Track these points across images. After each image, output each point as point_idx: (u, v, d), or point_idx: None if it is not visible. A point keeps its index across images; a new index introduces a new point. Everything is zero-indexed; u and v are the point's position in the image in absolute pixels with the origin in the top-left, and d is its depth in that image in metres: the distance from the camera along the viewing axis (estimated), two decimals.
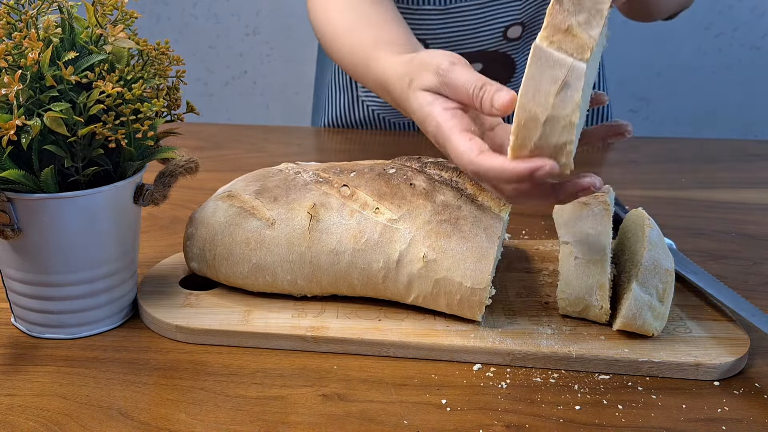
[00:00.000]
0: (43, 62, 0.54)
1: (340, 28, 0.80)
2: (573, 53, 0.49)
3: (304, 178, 0.68)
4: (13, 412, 0.53)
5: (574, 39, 0.49)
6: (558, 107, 0.49)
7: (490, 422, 0.53)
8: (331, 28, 0.82)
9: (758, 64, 2.04)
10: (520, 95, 0.50)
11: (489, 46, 1.08)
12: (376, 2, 0.79)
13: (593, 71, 0.53)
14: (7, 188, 0.56)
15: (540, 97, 0.49)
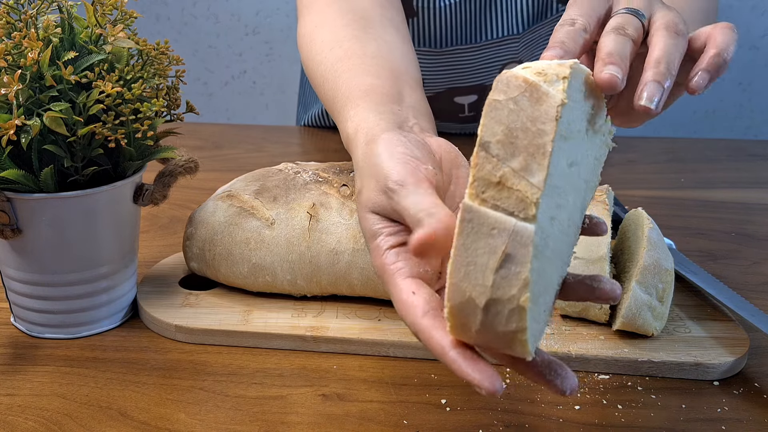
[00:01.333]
0: (42, 62, 0.54)
1: (318, 74, 0.69)
2: (514, 211, 0.36)
3: (304, 177, 0.68)
4: (13, 411, 0.53)
5: (512, 192, 0.37)
6: (501, 287, 0.36)
7: (489, 422, 0.53)
8: (312, 69, 0.72)
9: (758, 64, 2.04)
10: (450, 272, 0.38)
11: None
12: (367, 30, 0.69)
13: (572, 211, 0.42)
14: (7, 188, 0.56)
15: (475, 274, 0.37)
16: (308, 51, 0.74)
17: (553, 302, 0.43)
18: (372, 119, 0.54)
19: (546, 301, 0.41)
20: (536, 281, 0.37)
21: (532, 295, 0.37)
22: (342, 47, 0.67)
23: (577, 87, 0.40)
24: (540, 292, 0.39)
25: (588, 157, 0.43)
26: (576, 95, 0.40)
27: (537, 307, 0.38)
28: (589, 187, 0.44)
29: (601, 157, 0.45)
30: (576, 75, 0.40)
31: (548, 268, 0.39)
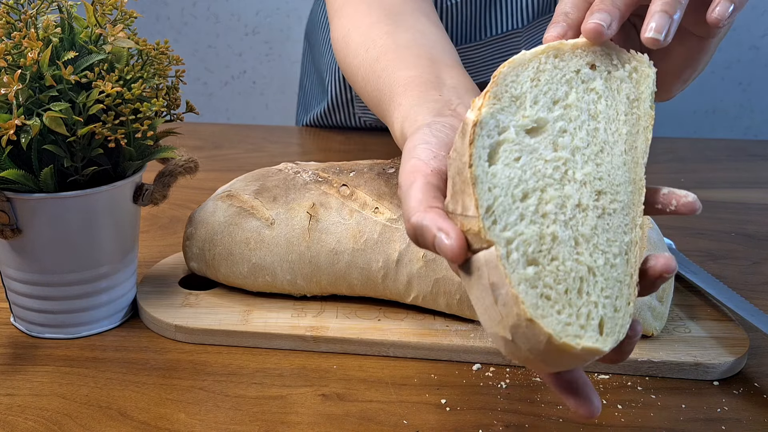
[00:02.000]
0: (42, 62, 0.54)
1: (358, 77, 0.72)
2: (479, 247, 0.39)
3: (304, 177, 0.68)
4: (13, 411, 0.53)
5: (470, 233, 0.39)
6: (507, 314, 0.38)
7: (489, 422, 0.53)
8: (352, 73, 0.75)
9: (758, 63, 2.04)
10: (480, 318, 0.41)
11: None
12: (397, 23, 0.70)
13: (600, 176, 0.42)
14: (7, 188, 0.56)
15: (491, 315, 0.39)
16: (345, 55, 0.74)
17: (629, 280, 0.41)
18: (411, 116, 0.55)
19: (596, 289, 0.39)
20: (546, 283, 0.38)
21: (543, 298, 0.38)
22: (376, 46, 0.67)
23: (531, 67, 0.43)
24: (571, 286, 0.39)
25: (608, 105, 0.44)
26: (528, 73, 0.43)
27: (580, 300, 0.39)
28: (631, 132, 0.44)
29: (636, 93, 0.44)
30: (520, 62, 0.43)
31: (564, 259, 0.39)
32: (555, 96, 0.44)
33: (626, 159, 0.43)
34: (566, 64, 0.45)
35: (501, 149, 0.41)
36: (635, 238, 0.41)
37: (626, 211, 0.42)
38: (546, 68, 0.44)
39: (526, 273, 0.38)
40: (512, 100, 0.43)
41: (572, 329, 0.38)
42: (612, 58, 0.45)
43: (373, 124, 1.20)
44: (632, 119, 0.44)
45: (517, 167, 0.41)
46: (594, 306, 0.39)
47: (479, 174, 0.39)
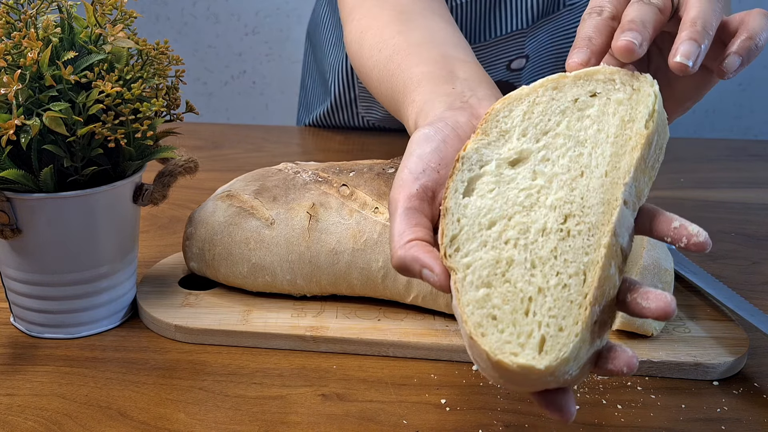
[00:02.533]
0: (42, 62, 0.54)
1: (373, 77, 0.71)
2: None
3: (304, 177, 0.68)
4: (12, 411, 0.53)
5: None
6: (463, 337, 0.42)
7: (489, 422, 0.53)
8: (366, 74, 0.74)
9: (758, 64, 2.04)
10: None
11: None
12: (409, 22, 0.70)
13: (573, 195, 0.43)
14: (7, 188, 0.56)
15: (462, 336, 0.43)
16: (359, 57, 0.75)
17: (581, 300, 0.40)
18: (425, 110, 0.55)
19: (543, 309, 0.40)
20: (494, 304, 0.41)
21: (489, 318, 0.40)
22: (389, 46, 0.68)
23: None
24: (518, 306, 0.40)
25: (599, 129, 0.44)
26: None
27: (525, 319, 0.40)
28: (617, 153, 0.43)
29: (631, 115, 0.44)
30: (516, 97, 0.47)
31: (516, 281, 0.41)
32: (545, 127, 0.45)
33: (605, 181, 0.42)
34: (564, 95, 0.46)
35: (479, 182, 0.45)
36: (597, 257, 0.40)
37: (592, 232, 0.41)
38: (542, 101, 0.46)
39: (476, 295, 0.41)
40: (500, 135, 0.46)
41: (510, 347, 0.39)
42: (615, 82, 0.45)
43: (377, 124, 1.20)
44: (621, 140, 0.43)
45: (489, 198, 0.44)
46: (537, 325, 0.39)
47: (451, 206, 0.44)
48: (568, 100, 0.45)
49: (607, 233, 0.41)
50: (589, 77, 0.45)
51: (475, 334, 0.39)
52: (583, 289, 0.40)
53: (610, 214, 0.41)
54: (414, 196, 0.46)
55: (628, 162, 0.42)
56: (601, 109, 0.45)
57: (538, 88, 0.46)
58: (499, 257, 0.42)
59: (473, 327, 0.40)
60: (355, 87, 1.15)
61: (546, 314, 0.40)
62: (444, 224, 0.43)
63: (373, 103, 1.16)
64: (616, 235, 0.41)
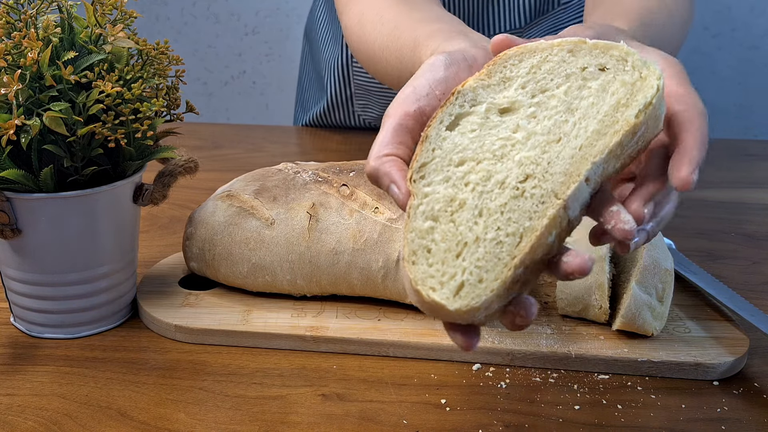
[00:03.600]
0: (42, 62, 0.54)
1: (375, 46, 0.72)
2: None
3: (304, 177, 0.68)
4: (12, 411, 0.53)
5: None
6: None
7: (489, 422, 0.53)
8: (367, 47, 0.75)
9: (757, 63, 2.04)
10: None
11: None
12: (412, 6, 0.71)
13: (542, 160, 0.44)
14: (7, 188, 0.56)
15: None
16: (359, 36, 0.75)
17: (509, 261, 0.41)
18: (441, 48, 0.56)
19: (473, 257, 0.41)
20: (434, 239, 0.42)
21: (424, 249, 0.42)
22: (393, 20, 0.68)
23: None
24: (453, 248, 0.42)
25: (593, 104, 0.44)
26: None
27: (454, 261, 0.41)
28: (599, 131, 0.43)
29: (627, 99, 0.44)
30: (531, 49, 0.47)
31: (460, 224, 0.42)
32: (545, 86, 0.46)
33: (576, 153, 0.43)
34: (576, 60, 0.46)
35: (464, 120, 0.46)
36: (538, 226, 0.41)
37: (543, 200, 0.42)
38: (553, 60, 0.46)
39: (422, 225, 0.43)
40: (502, 80, 0.47)
41: (431, 281, 0.41)
42: (627, 63, 0.45)
43: (373, 123, 1.20)
44: (608, 121, 0.43)
45: (468, 137, 0.45)
46: (462, 270, 0.41)
47: (431, 135, 0.45)
48: (578, 66, 0.46)
49: (557, 205, 0.41)
50: (606, 51, 0.46)
51: (407, 260, 0.42)
52: (514, 251, 0.41)
53: (567, 187, 0.42)
54: (409, 116, 0.47)
55: (605, 143, 0.43)
56: (603, 84, 0.45)
57: (555, 46, 0.47)
58: (455, 197, 0.43)
59: (408, 253, 0.42)
60: (351, 85, 1.15)
61: (473, 263, 0.41)
62: (419, 150, 0.45)
63: (369, 101, 1.16)
64: (567, 208, 0.42)
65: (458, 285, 0.41)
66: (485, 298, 0.40)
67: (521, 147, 0.44)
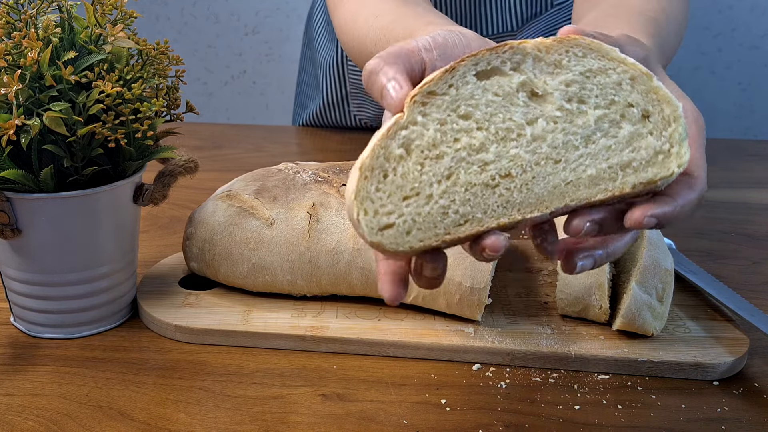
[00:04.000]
0: (42, 62, 0.54)
1: (368, 39, 0.72)
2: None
3: (304, 177, 0.68)
4: (12, 411, 0.53)
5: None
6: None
7: (489, 422, 0.53)
8: (360, 41, 0.74)
9: (758, 63, 2.04)
10: None
11: None
12: (407, 2, 0.71)
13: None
14: (7, 188, 0.56)
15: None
16: (352, 30, 0.74)
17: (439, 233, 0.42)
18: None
19: (415, 210, 0.41)
20: (394, 168, 0.41)
21: (380, 172, 0.41)
22: (387, 15, 0.68)
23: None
24: (403, 189, 0.41)
25: (608, 148, 0.43)
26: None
27: (399, 202, 0.41)
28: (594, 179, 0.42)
29: (645, 167, 0.42)
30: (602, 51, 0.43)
31: (425, 172, 0.42)
32: (586, 98, 0.43)
33: (561, 187, 0.42)
34: (629, 93, 0.43)
35: (497, 77, 0.43)
36: (483, 224, 0.42)
37: (505, 206, 0.42)
38: (611, 77, 0.43)
39: (393, 148, 0.41)
40: (554, 64, 0.43)
41: (367, 204, 0.41)
42: (670, 127, 0.42)
43: (369, 123, 1.20)
44: (608, 174, 0.42)
45: (488, 96, 0.42)
46: (399, 214, 0.41)
47: (457, 70, 0.42)
48: (627, 100, 0.43)
49: (512, 219, 0.42)
50: (661, 101, 0.42)
51: (361, 171, 0.41)
52: (451, 229, 0.41)
53: (532, 210, 0.42)
54: (411, 51, 0.45)
55: (589, 195, 0.42)
56: (633, 135, 0.42)
57: (624, 64, 0.43)
58: (438, 146, 0.42)
59: (366, 165, 0.41)
60: (347, 84, 1.15)
61: (412, 213, 0.41)
62: (437, 76, 0.42)
63: (365, 100, 1.16)
64: (518, 222, 0.42)
65: (387, 223, 0.41)
66: (401, 249, 0.41)
67: (524, 144, 0.42)
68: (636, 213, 0.42)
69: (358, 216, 0.41)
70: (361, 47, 0.74)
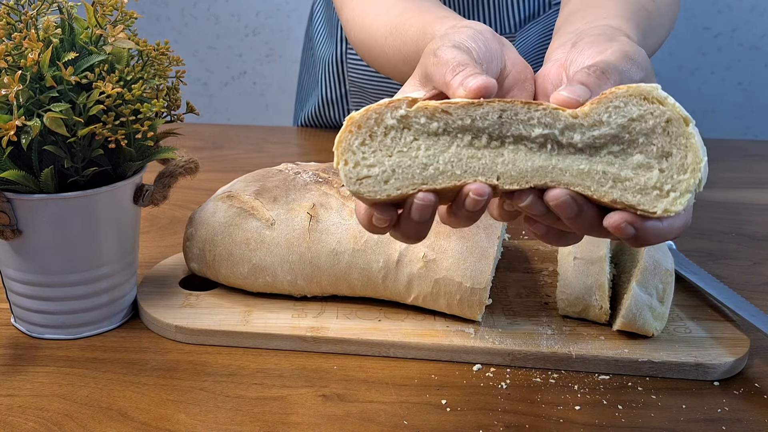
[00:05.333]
0: (42, 63, 0.54)
1: (379, 34, 0.72)
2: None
3: (304, 178, 0.68)
4: (13, 412, 0.53)
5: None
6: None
7: (489, 422, 0.53)
8: (371, 34, 0.75)
9: (758, 64, 2.04)
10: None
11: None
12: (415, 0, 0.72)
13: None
14: (7, 189, 0.56)
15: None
16: (361, 25, 0.75)
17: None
18: (455, 27, 0.55)
19: (397, 171, 0.44)
20: (388, 133, 0.44)
21: (380, 129, 0.44)
22: (398, 8, 0.68)
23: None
24: (393, 152, 0.44)
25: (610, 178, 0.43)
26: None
27: (383, 158, 0.44)
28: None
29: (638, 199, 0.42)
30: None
31: (420, 147, 0.44)
32: (613, 141, 0.42)
33: (548, 165, 0.43)
34: (661, 137, 0.42)
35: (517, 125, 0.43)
36: (461, 179, 0.43)
37: (487, 171, 0.43)
38: (648, 123, 0.42)
39: (386, 118, 0.43)
40: (594, 124, 0.42)
41: (350, 155, 0.43)
42: (684, 173, 0.41)
43: None
44: (598, 177, 0.42)
45: (505, 132, 0.43)
46: (381, 169, 0.43)
47: (485, 112, 0.43)
48: (650, 142, 0.42)
49: (486, 179, 0.43)
50: (684, 142, 0.41)
51: (347, 123, 0.44)
52: (428, 180, 0.43)
53: (510, 183, 0.43)
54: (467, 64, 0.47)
55: (572, 183, 0.43)
56: (641, 163, 0.42)
57: (671, 107, 0.41)
58: (438, 135, 0.43)
59: (354, 119, 0.43)
60: (346, 82, 1.15)
61: (393, 165, 0.43)
62: (460, 104, 0.43)
63: (364, 99, 1.16)
64: (496, 187, 0.43)
65: (365, 175, 0.43)
66: (379, 198, 0.43)
67: (529, 144, 0.43)
68: (615, 216, 0.41)
69: (340, 166, 0.43)
70: (371, 41, 0.74)
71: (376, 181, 0.44)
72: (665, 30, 0.76)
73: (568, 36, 0.54)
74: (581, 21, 0.57)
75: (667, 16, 0.76)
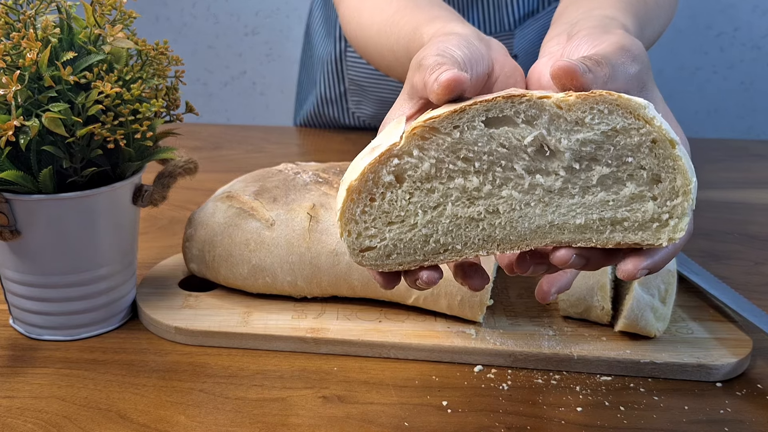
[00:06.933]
0: (41, 62, 0.53)
1: (372, 31, 0.73)
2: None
3: (304, 178, 0.67)
4: (12, 414, 0.53)
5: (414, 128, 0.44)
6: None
7: (491, 424, 0.52)
8: (365, 32, 0.76)
9: (760, 63, 2.04)
10: None
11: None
12: None
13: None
14: (6, 189, 0.56)
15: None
16: (357, 22, 0.75)
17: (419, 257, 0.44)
18: (443, 30, 0.55)
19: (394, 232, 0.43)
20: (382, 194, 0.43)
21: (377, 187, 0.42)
22: (393, 7, 0.68)
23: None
24: (390, 215, 0.43)
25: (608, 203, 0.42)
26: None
27: (384, 227, 0.43)
28: (580, 228, 0.43)
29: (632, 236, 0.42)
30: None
31: (417, 203, 0.43)
32: (599, 157, 0.41)
33: (545, 227, 0.42)
34: (647, 157, 0.41)
35: (505, 127, 0.41)
36: (463, 254, 0.43)
37: (486, 241, 0.43)
38: (634, 139, 0.41)
39: (383, 176, 0.42)
40: (576, 121, 0.41)
41: (353, 226, 0.43)
42: (676, 198, 0.41)
43: (367, 121, 1.20)
44: (596, 225, 0.42)
45: (494, 147, 0.42)
46: (381, 240, 0.43)
47: (469, 113, 0.41)
48: (640, 162, 0.41)
49: (487, 252, 0.43)
50: (672, 164, 0.41)
51: (348, 192, 0.42)
52: (430, 255, 0.43)
53: (511, 248, 0.43)
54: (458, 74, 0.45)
55: (573, 239, 0.42)
56: (635, 196, 0.41)
57: (652, 126, 0.40)
58: (430, 179, 0.42)
59: (353, 187, 0.42)
60: (344, 80, 1.15)
61: (394, 239, 0.43)
62: (443, 114, 0.41)
63: (362, 98, 1.16)
64: (494, 254, 0.44)
65: (369, 247, 0.43)
66: (380, 269, 0.44)
67: (519, 187, 0.42)
68: (628, 265, 0.42)
69: (342, 236, 0.43)
70: (366, 38, 0.75)
71: (379, 255, 0.43)
72: (664, 21, 0.76)
73: (564, 26, 0.54)
74: (578, 11, 0.57)
75: (665, 6, 0.75)
